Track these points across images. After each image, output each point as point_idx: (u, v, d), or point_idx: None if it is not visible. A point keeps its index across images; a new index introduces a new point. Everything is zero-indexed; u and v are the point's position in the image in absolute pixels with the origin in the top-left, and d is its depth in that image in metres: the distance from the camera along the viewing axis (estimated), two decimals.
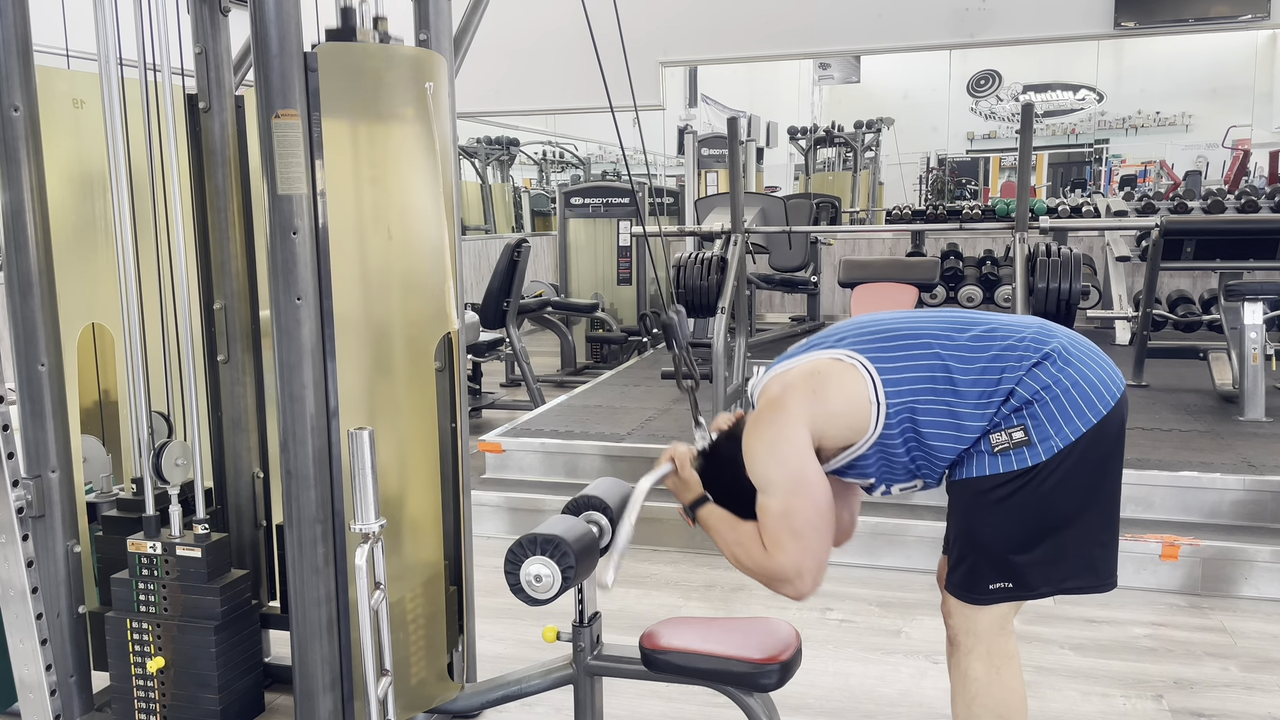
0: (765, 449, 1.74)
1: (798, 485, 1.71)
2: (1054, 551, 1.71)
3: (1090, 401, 1.69)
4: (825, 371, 1.77)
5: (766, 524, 1.73)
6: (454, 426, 2.29)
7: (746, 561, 1.77)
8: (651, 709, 2.53)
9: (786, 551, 1.71)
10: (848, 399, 1.74)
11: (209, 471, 2.44)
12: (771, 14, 6.23)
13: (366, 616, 1.82)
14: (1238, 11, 5.48)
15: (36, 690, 1.93)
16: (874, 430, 1.74)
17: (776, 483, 1.72)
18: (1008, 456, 1.68)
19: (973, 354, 1.72)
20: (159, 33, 2.12)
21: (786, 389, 1.77)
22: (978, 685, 1.76)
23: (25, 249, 2.08)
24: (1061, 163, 15.05)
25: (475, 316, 5.66)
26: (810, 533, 1.70)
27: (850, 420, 1.75)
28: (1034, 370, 1.69)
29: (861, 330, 1.82)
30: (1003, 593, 1.73)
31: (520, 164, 12.11)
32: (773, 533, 1.72)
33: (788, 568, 1.71)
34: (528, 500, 3.94)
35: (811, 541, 1.71)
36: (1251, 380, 4.38)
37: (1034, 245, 4.40)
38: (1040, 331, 1.75)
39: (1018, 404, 1.68)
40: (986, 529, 1.74)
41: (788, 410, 1.74)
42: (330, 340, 1.94)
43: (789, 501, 1.70)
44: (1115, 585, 1.77)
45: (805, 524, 1.70)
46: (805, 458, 1.72)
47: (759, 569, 1.76)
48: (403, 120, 2.02)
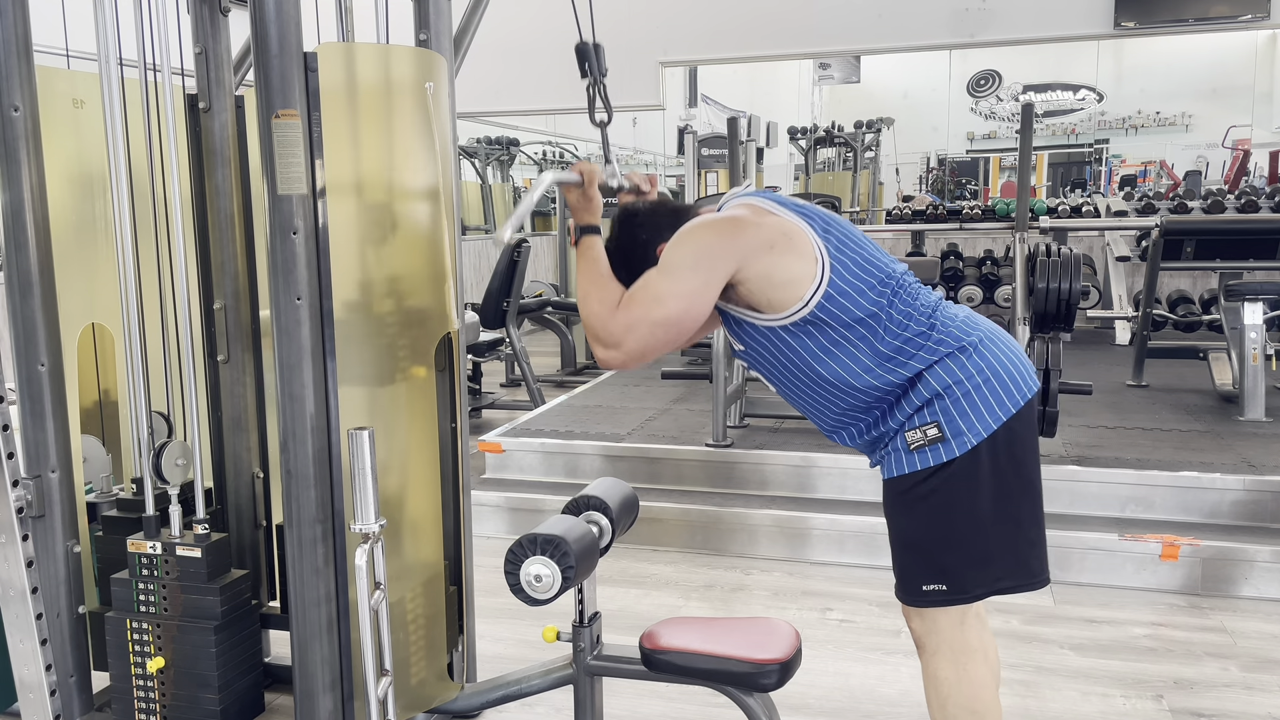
0: (693, 243, 1.73)
1: (688, 290, 1.69)
2: (982, 551, 1.71)
3: (1000, 398, 1.68)
4: (795, 243, 1.72)
5: (636, 292, 1.73)
6: (454, 426, 2.29)
7: (593, 305, 1.76)
8: (651, 709, 2.53)
9: (629, 321, 1.71)
10: (790, 279, 1.71)
11: (209, 471, 2.44)
12: (771, 14, 6.23)
13: (366, 616, 1.82)
14: (1238, 11, 5.48)
15: (36, 690, 1.93)
16: (783, 318, 1.72)
17: (674, 272, 1.71)
18: (924, 453, 1.69)
19: (905, 320, 1.71)
20: (159, 33, 2.12)
21: (757, 226, 1.74)
22: (948, 686, 1.77)
23: (25, 249, 2.08)
24: (1061, 163, 15.06)
25: (475, 316, 5.66)
26: (660, 328, 1.70)
27: (774, 297, 1.72)
28: (946, 360, 1.68)
29: (847, 240, 1.76)
30: (938, 595, 1.73)
31: (520, 164, 12.10)
32: (635, 300, 1.72)
33: (617, 332, 1.72)
34: (528, 500, 3.94)
35: (654, 332, 1.70)
36: (1251, 380, 4.38)
37: (1034, 245, 4.40)
38: (965, 323, 1.74)
39: (929, 394, 1.68)
40: (911, 528, 1.75)
41: (739, 238, 1.72)
42: (330, 340, 1.94)
43: (670, 289, 1.70)
44: (1049, 582, 1.77)
45: (663, 317, 1.70)
46: (713, 277, 1.70)
47: (596, 317, 1.75)
48: (403, 120, 2.02)
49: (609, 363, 1.75)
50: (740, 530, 3.67)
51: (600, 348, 1.75)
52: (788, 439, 4.17)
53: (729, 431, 4.13)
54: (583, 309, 1.78)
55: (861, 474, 3.77)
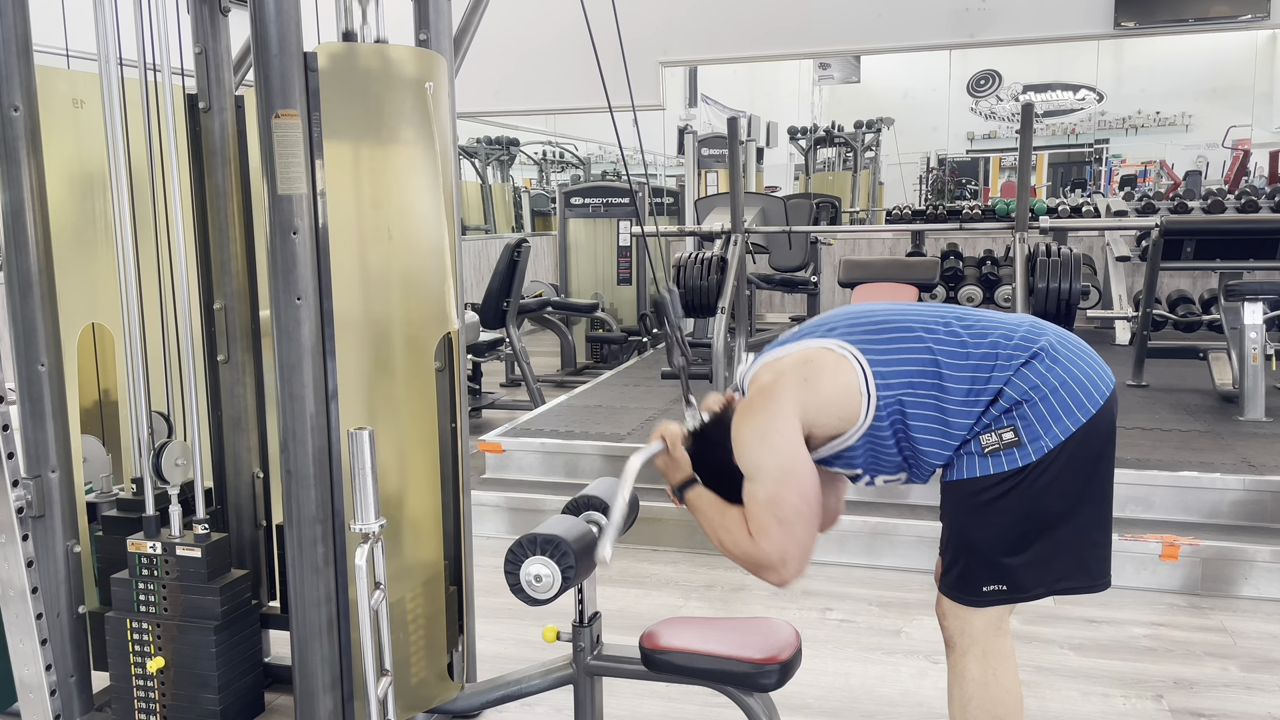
0: (755, 436, 1.74)
1: (786, 473, 1.70)
2: (1046, 552, 1.71)
3: (1079, 400, 1.68)
4: (817, 360, 1.76)
5: (753, 510, 1.73)
6: (454, 426, 2.29)
7: (731, 547, 1.77)
8: (651, 709, 2.53)
9: (772, 539, 1.71)
10: (838, 389, 1.73)
11: (209, 471, 2.44)
12: (771, 14, 6.23)
13: (366, 616, 1.82)
14: (1238, 11, 5.48)
15: (36, 690, 1.93)
16: (863, 421, 1.74)
17: (765, 470, 1.72)
18: (998, 458, 1.68)
19: (963, 350, 1.71)
20: (159, 33, 2.12)
21: (778, 376, 1.76)
22: (973, 686, 1.76)
23: (25, 249, 2.08)
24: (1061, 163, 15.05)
25: (475, 316, 5.66)
26: (796, 520, 1.70)
27: (840, 410, 1.74)
28: (1023, 370, 1.69)
29: (854, 320, 1.81)
30: (997, 595, 1.73)
31: (520, 164, 12.11)
32: (759, 519, 1.72)
33: (772, 555, 1.71)
34: (528, 500, 3.94)
35: (797, 529, 1.71)
36: (1251, 380, 4.38)
37: (1034, 245, 4.40)
38: (1031, 330, 1.75)
39: (1007, 404, 1.68)
40: (978, 530, 1.74)
41: (779, 398, 1.74)
42: (330, 340, 1.94)
43: (776, 489, 1.70)
44: (1109, 585, 1.76)
45: (792, 511, 1.70)
46: (794, 446, 1.72)
47: (744, 555, 1.76)
48: (402, 120, 2.02)
49: (786, 583, 1.76)
50: None
51: (768, 576, 1.75)
52: None
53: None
54: (730, 553, 1.79)
55: None
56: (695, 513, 1.85)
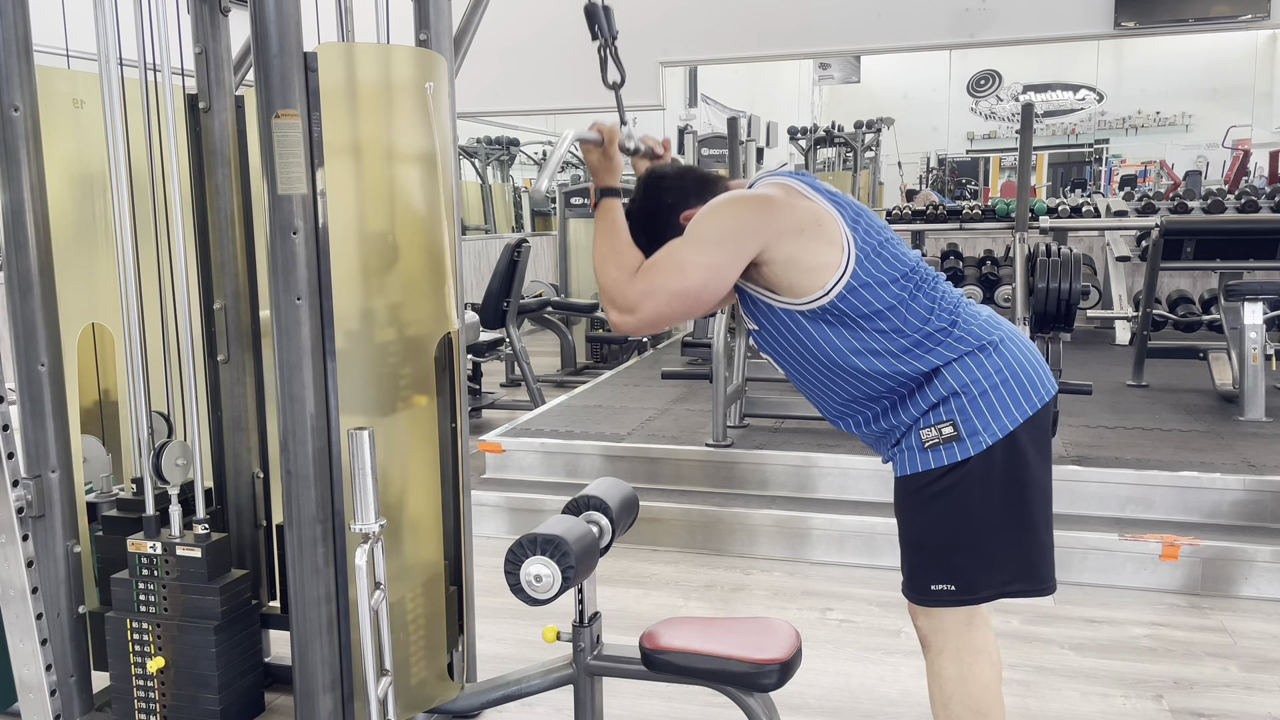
0: (723, 217, 1.70)
1: (712, 263, 1.67)
2: (993, 552, 1.71)
3: (1017, 399, 1.67)
4: (826, 230, 1.69)
5: (658, 257, 1.70)
6: (454, 426, 2.29)
7: (613, 269, 1.74)
8: (651, 709, 2.53)
9: (647, 289, 1.68)
10: (813, 267, 1.68)
11: (209, 471, 2.44)
12: (771, 14, 6.23)
13: (366, 616, 1.82)
14: (1238, 11, 5.47)
15: (36, 690, 1.93)
16: (802, 304, 1.70)
17: (700, 244, 1.68)
18: (938, 451, 1.68)
19: (926, 313, 1.69)
20: (159, 33, 2.12)
21: (790, 208, 1.70)
22: (951, 684, 1.76)
23: (25, 249, 2.08)
24: (1061, 163, 15.06)
25: (475, 316, 5.66)
26: (678, 298, 1.68)
27: (796, 282, 1.69)
28: (965, 358, 1.68)
29: (873, 234, 1.73)
30: (945, 595, 1.73)
31: (520, 164, 12.10)
32: (656, 266, 1.69)
33: (636, 297, 1.69)
34: (528, 500, 3.94)
35: (671, 302, 1.68)
36: (1251, 380, 4.38)
37: (1034, 245, 4.40)
38: (987, 322, 1.73)
39: (945, 392, 1.67)
40: (923, 527, 1.74)
41: (771, 218, 1.69)
42: (330, 340, 1.94)
43: (694, 260, 1.67)
44: (1055, 589, 1.76)
45: (682, 288, 1.67)
46: (739, 254, 1.67)
47: (613, 281, 1.73)
48: (402, 120, 2.02)
49: (621, 327, 1.73)
50: (740, 530, 3.67)
51: (615, 312, 1.73)
52: (788, 439, 4.17)
53: (729, 431, 4.13)
54: (599, 272, 1.76)
55: (862, 474, 3.77)
56: (601, 220, 1.81)
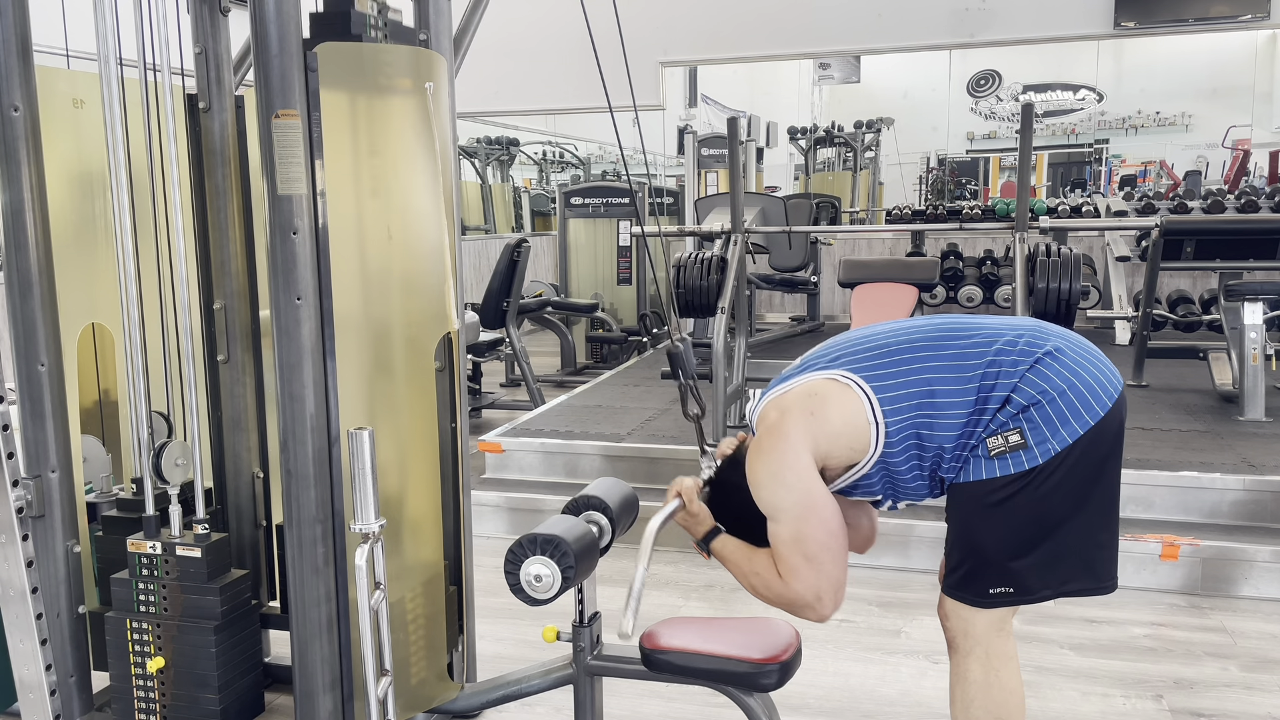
0: (769, 476, 1.74)
1: (806, 510, 1.71)
2: (1053, 554, 1.71)
3: (1087, 403, 1.68)
4: (822, 392, 1.76)
5: (780, 551, 1.73)
6: (454, 426, 2.29)
7: (764, 590, 1.78)
8: (651, 709, 2.52)
9: (802, 578, 1.71)
10: (845, 418, 1.73)
11: (209, 471, 2.44)
12: (771, 14, 6.23)
13: (366, 616, 1.82)
14: (1238, 11, 5.48)
15: (36, 690, 1.93)
16: (874, 449, 1.74)
17: (784, 509, 1.72)
18: (1004, 460, 1.68)
19: (968, 362, 1.71)
20: (159, 33, 2.12)
21: (785, 413, 1.76)
22: (975, 687, 1.76)
23: (25, 249, 2.08)
24: (1061, 163, 15.05)
25: (475, 316, 5.66)
26: (824, 555, 1.70)
27: (850, 440, 1.74)
28: (1029, 375, 1.68)
29: (855, 347, 1.81)
30: (1003, 597, 1.73)
31: (520, 164, 12.10)
32: (787, 559, 1.72)
33: (806, 594, 1.72)
34: (528, 500, 3.94)
35: (826, 564, 1.71)
36: (1251, 380, 4.38)
37: (1034, 245, 4.39)
38: (1036, 333, 1.74)
39: (1014, 408, 1.68)
40: (985, 533, 1.73)
41: (788, 434, 1.74)
42: (330, 340, 1.94)
43: (799, 527, 1.70)
44: (1116, 587, 1.76)
45: (818, 547, 1.70)
46: (810, 481, 1.72)
47: (778, 597, 1.76)
48: (403, 120, 2.02)
49: (826, 618, 1.76)
50: None
51: (805, 613, 1.76)
52: None
53: (729, 431, 4.13)
54: (764, 597, 1.80)
55: None
56: (724, 562, 1.85)
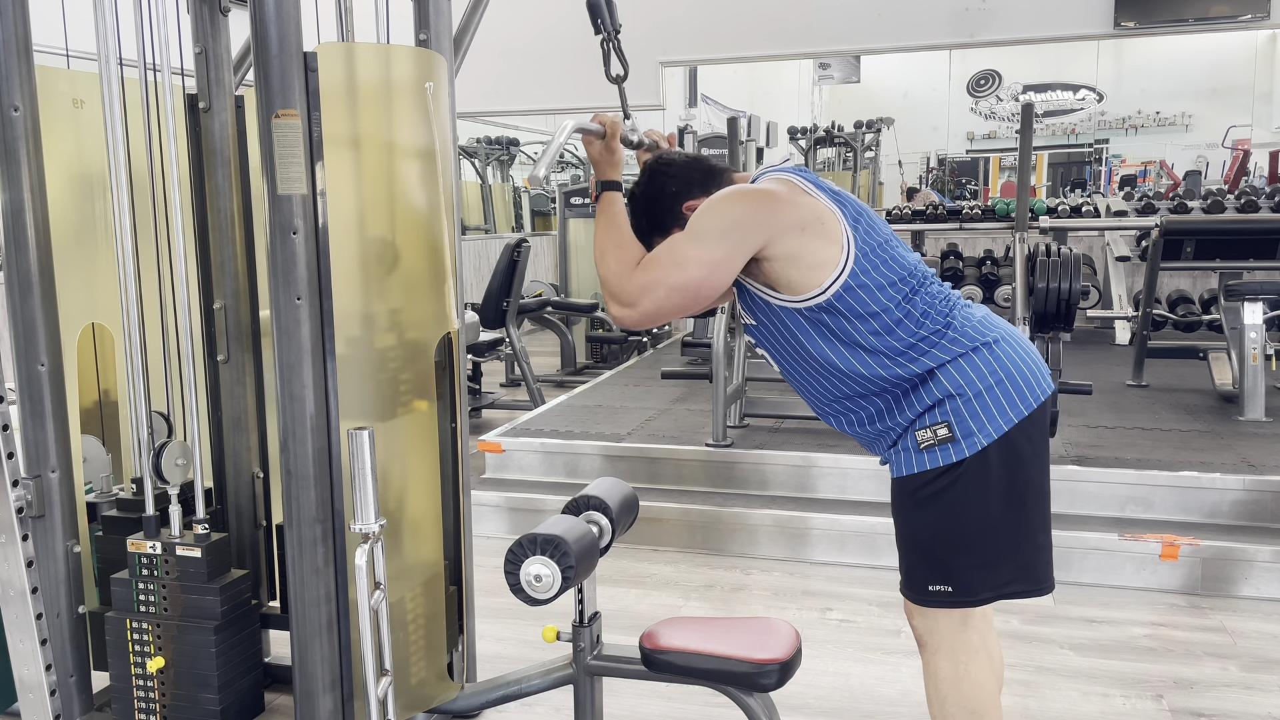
0: (725, 212, 1.70)
1: (713, 258, 1.66)
2: (990, 554, 1.71)
3: (1012, 399, 1.67)
4: (828, 229, 1.69)
5: (659, 251, 1.71)
6: (454, 426, 2.29)
7: (613, 263, 1.74)
8: (651, 709, 2.53)
9: (648, 283, 1.69)
10: (814, 265, 1.68)
11: (209, 471, 2.44)
12: (771, 14, 6.23)
13: (366, 616, 1.82)
14: (1238, 11, 5.47)
15: (36, 690, 1.93)
16: (797, 303, 1.70)
17: (701, 238, 1.68)
18: (933, 453, 1.67)
19: (921, 315, 1.69)
20: (159, 33, 2.12)
21: (793, 205, 1.70)
22: (947, 684, 1.76)
23: (25, 249, 2.08)
24: (1061, 163, 15.05)
25: (475, 316, 5.66)
26: (678, 293, 1.68)
27: (795, 279, 1.69)
28: (960, 360, 1.67)
29: (874, 235, 1.73)
30: (943, 596, 1.72)
31: (520, 164, 12.10)
32: (657, 261, 1.70)
33: (636, 291, 1.70)
34: (528, 500, 3.94)
35: (671, 296, 1.68)
36: (1251, 380, 4.38)
37: (1034, 245, 4.40)
38: (982, 323, 1.73)
39: (940, 394, 1.67)
40: (918, 528, 1.74)
41: (773, 214, 1.69)
42: (330, 340, 1.94)
43: (695, 255, 1.67)
44: (1053, 588, 1.76)
45: (682, 282, 1.67)
46: (740, 249, 1.67)
47: (614, 275, 1.73)
48: (402, 120, 2.02)
49: (622, 321, 1.73)
50: (740, 530, 3.67)
51: (615, 305, 1.73)
52: (788, 439, 4.17)
53: (729, 431, 4.13)
54: (600, 266, 1.76)
55: (861, 474, 3.77)
56: (603, 214, 1.81)
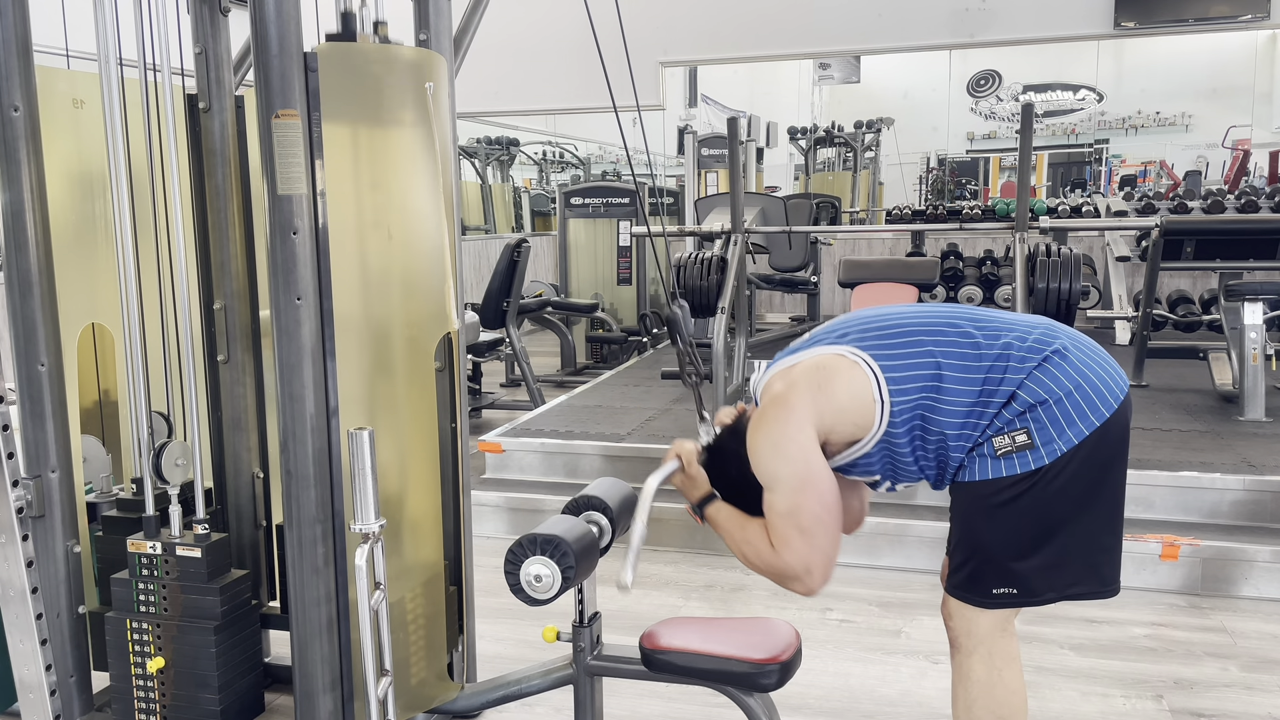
0: (770, 446, 1.74)
1: (804, 482, 1.70)
2: (1057, 556, 1.70)
3: (1093, 404, 1.67)
4: (830, 367, 1.76)
5: (774, 522, 1.73)
6: (454, 426, 2.29)
7: (755, 560, 1.77)
8: (651, 709, 2.52)
9: (794, 550, 1.71)
10: (852, 395, 1.73)
11: (209, 471, 2.44)
12: (771, 14, 6.23)
13: (366, 616, 1.82)
14: (1238, 11, 5.48)
15: (36, 690, 1.94)
16: (878, 428, 1.73)
17: (782, 480, 1.71)
18: (1010, 460, 1.67)
19: (975, 353, 1.70)
20: (159, 33, 2.12)
21: (791, 385, 1.76)
22: (978, 687, 1.76)
23: (25, 249, 2.08)
24: (1061, 163, 15.05)
25: (475, 316, 5.66)
26: (818, 529, 1.70)
27: (855, 417, 1.74)
28: (1035, 372, 1.68)
29: (865, 326, 1.80)
30: (1006, 598, 1.72)
31: (520, 164, 12.10)
32: (780, 531, 1.72)
33: (796, 565, 1.72)
34: (528, 500, 3.94)
35: (819, 538, 1.70)
36: (1251, 380, 4.38)
37: (1034, 245, 4.40)
38: (1046, 332, 1.74)
39: (1021, 407, 1.67)
40: (989, 533, 1.73)
41: (792, 406, 1.73)
42: (330, 340, 1.94)
43: (795, 499, 1.70)
44: (1119, 590, 1.76)
45: (813, 520, 1.70)
46: (810, 454, 1.71)
47: (768, 567, 1.76)
48: (403, 120, 2.02)
49: (813, 592, 1.75)
50: None
51: (793, 586, 1.75)
52: None
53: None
54: (755, 566, 1.79)
55: None
56: (717, 528, 1.85)
